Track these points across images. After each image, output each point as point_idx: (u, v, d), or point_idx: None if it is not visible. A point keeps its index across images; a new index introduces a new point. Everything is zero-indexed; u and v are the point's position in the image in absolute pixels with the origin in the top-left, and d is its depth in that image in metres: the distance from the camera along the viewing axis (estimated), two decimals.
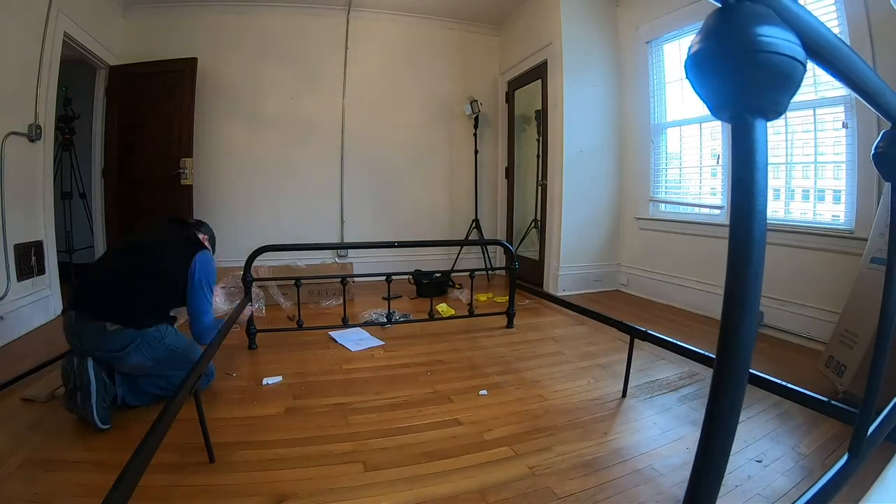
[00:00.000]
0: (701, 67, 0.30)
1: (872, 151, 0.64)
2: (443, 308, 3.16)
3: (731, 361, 0.29)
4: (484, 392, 1.94)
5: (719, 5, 0.28)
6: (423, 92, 4.71)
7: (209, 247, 1.99)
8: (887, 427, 0.77)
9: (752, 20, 0.28)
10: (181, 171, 3.90)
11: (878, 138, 0.63)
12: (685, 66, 0.30)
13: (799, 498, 0.62)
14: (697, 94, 0.30)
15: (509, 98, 4.81)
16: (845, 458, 0.69)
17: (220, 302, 3.18)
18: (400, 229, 4.58)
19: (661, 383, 2.04)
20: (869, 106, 0.52)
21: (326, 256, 4.39)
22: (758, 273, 0.28)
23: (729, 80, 0.28)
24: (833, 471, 0.67)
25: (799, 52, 0.28)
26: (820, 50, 0.36)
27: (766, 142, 0.29)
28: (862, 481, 1.08)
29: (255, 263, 2.46)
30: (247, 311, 2.29)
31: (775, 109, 0.29)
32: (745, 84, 0.28)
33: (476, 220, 4.66)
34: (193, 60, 3.93)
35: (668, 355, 2.17)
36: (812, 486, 0.65)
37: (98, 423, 1.56)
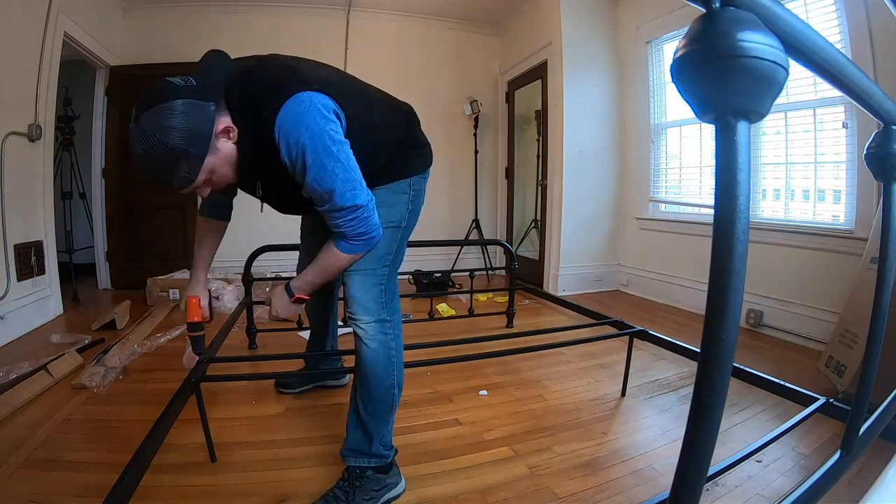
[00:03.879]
0: (685, 71, 0.30)
1: (865, 152, 0.64)
2: (443, 308, 3.16)
3: (716, 356, 0.30)
4: (484, 392, 1.94)
5: (703, 10, 0.29)
6: (423, 92, 4.70)
7: None
8: (881, 424, 0.78)
9: (735, 25, 0.28)
10: None
11: (871, 138, 0.64)
12: (671, 70, 0.31)
13: (791, 493, 0.63)
14: (683, 97, 0.31)
15: (509, 98, 4.82)
16: (838, 454, 0.70)
17: (228, 301, 3.21)
18: None
19: (661, 383, 2.04)
20: (860, 107, 0.52)
21: None
22: (741, 270, 0.29)
23: (712, 84, 0.29)
24: (825, 467, 0.67)
25: (781, 57, 0.29)
26: (806, 53, 0.36)
27: (749, 143, 0.30)
28: (862, 481, 1.08)
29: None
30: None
31: (758, 112, 0.30)
32: (727, 88, 0.29)
33: (476, 220, 4.67)
34: None
35: (668, 355, 2.17)
36: (804, 482, 0.66)
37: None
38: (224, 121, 1.01)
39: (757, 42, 0.28)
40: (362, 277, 1.21)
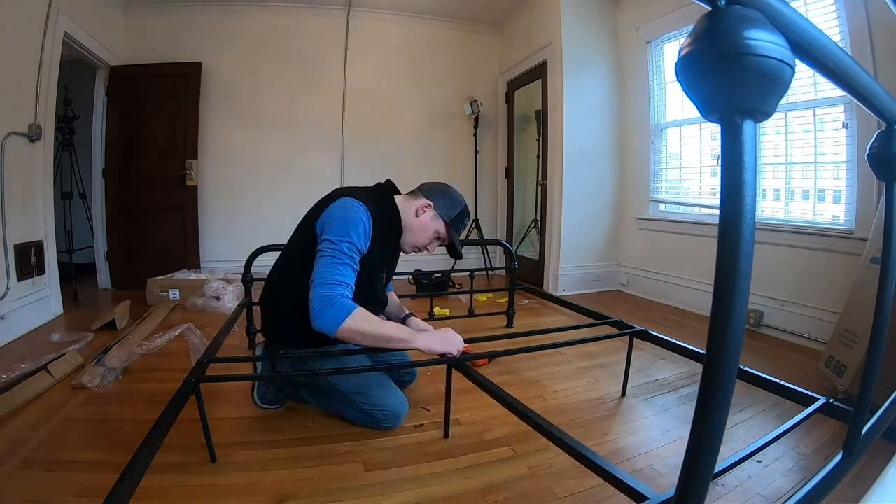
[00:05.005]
0: (691, 70, 0.30)
1: (867, 152, 0.64)
2: (436, 311, 3.15)
3: (721, 358, 0.30)
4: None
5: (709, 9, 0.29)
6: (423, 92, 4.71)
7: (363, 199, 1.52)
8: (883, 425, 0.78)
9: (741, 24, 0.28)
10: (187, 171, 3.92)
11: (873, 138, 0.64)
12: (675, 69, 0.31)
13: (793, 495, 0.63)
14: (688, 95, 0.30)
15: (509, 98, 4.82)
16: (840, 455, 0.70)
17: (228, 300, 3.20)
18: None
19: (660, 383, 2.04)
20: (863, 106, 0.52)
21: None
22: (746, 270, 0.29)
23: (718, 82, 0.29)
24: (828, 468, 0.67)
25: (787, 55, 0.29)
26: (811, 52, 0.36)
27: (755, 143, 0.29)
28: (862, 481, 1.08)
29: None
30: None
31: (764, 111, 0.29)
32: (733, 87, 0.29)
33: (476, 220, 4.66)
34: (198, 64, 3.95)
35: (668, 355, 2.17)
36: (806, 483, 0.66)
37: (255, 399, 1.73)
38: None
39: (763, 40, 0.28)
40: None
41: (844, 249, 2.39)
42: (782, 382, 1.43)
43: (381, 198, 1.62)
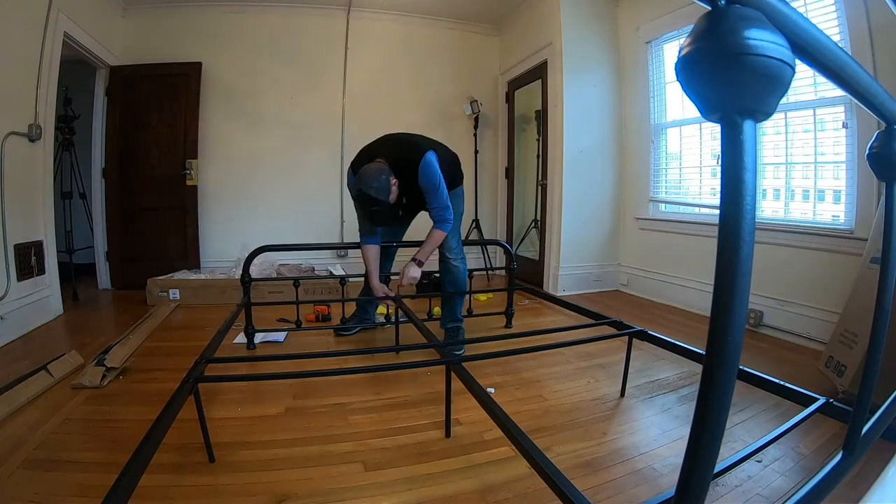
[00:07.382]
0: (691, 70, 0.30)
1: (867, 152, 0.64)
2: (436, 311, 3.15)
3: (721, 358, 0.30)
4: (491, 390, 1.93)
5: (709, 8, 0.29)
6: (423, 92, 4.71)
7: None
8: (882, 425, 0.78)
9: (741, 23, 0.28)
10: (187, 171, 3.92)
11: (873, 138, 0.64)
12: (676, 69, 0.31)
13: (793, 495, 0.63)
14: (688, 95, 0.30)
15: (509, 98, 4.82)
16: (840, 455, 0.70)
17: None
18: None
19: (660, 383, 2.04)
20: (863, 106, 0.52)
21: (326, 256, 4.40)
22: (746, 271, 0.29)
23: (718, 82, 0.29)
24: (827, 468, 0.67)
25: (787, 55, 0.29)
26: (811, 52, 0.36)
27: (755, 142, 0.29)
28: (862, 481, 1.08)
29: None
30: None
31: (764, 111, 0.29)
32: (733, 86, 0.28)
33: (476, 221, 4.66)
34: (198, 64, 3.95)
35: (668, 355, 2.17)
36: (806, 482, 0.66)
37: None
38: (394, 179, 2.17)
39: (764, 40, 0.28)
40: (455, 237, 2.49)
41: (844, 249, 2.39)
42: (782, 382, 1.43)
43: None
